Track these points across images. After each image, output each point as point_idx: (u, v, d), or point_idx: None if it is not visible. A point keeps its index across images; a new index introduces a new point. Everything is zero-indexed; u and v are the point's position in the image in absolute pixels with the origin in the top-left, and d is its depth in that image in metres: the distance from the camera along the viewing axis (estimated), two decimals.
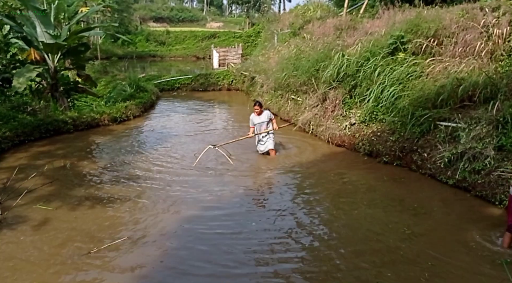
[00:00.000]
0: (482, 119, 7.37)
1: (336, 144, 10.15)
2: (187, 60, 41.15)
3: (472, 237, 5.58)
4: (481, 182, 6.77)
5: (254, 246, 5.50)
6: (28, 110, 11.45)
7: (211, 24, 63.34)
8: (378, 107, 9.55)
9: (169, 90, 20.25)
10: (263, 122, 9.24)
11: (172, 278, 4.82)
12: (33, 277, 4.73)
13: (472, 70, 8.43)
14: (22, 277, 4.74)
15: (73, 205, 6.70)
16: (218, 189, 7.54)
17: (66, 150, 9.88)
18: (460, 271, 4.81)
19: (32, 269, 4.90)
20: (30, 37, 12.10)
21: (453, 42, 9.44)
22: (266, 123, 9.26)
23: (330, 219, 6.34)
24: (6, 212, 6.28)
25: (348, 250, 5.33)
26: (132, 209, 6.62)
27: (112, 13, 37.12)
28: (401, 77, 9.38)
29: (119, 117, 12.97)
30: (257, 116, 9.25)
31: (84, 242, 5.52)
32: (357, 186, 7.77)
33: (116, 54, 38.11)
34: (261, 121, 9.24)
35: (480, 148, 7.00)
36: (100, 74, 22.10)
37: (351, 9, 19.09)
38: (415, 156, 8.20)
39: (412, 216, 6.32)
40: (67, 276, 4.77)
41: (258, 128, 9.26)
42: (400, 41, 10.13)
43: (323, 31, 15.69)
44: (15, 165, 8.25)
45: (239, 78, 20.37)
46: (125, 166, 8.69)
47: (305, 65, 12.39)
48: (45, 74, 12.61)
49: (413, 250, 5.29)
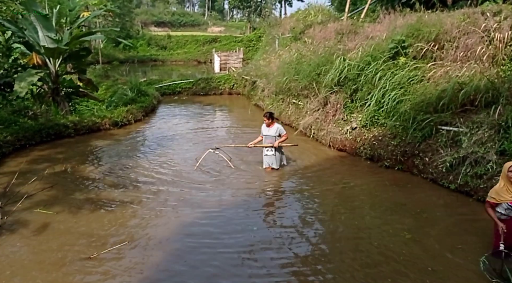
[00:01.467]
0: (484, 123, 7.35)
1: (337, 148, 10.13)
2: (188, 64, 41.22)
3: (474, 242, 5.54)
4: (483, 186, 6.73)
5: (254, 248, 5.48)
6: (29, 114, 11.46)
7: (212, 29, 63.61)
8: (379, 111, 9.55)
9: (170, 94, 20.28)
10: (270, 136, 8.61)
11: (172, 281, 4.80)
12: (33, 282, 4.71)
13: (473, 74, 8.42)
14: (23, 281, 4.71)
15: (73, 209, 6.67)
16: (218, 193, 7.52)
17: (67, 154, 9.87)
18: (461, 277, 4.78)
19: (33, 273, 4.88)
20: (32, 41, 12.13)
21: (454, 46, 9.44)
22: (273, 138, 8.57)
23: (330, 225, 6.30)
24: (6, 216, 6.27)
25: (348, 256, 5.30)
26: (133, 213, 6.60)
27: (114, 18, 37.24)
28: (402, 81, 9.38)
29: (120, 121, 12.98)
30: (266, 127, 8.70)
31: (85, 246, 5.50)
32: (358, 191, 7.74)
33: (118, 59, 38.25)
34: (268, 134, 8.63)
35: (482, 152, 6.98)
36: (101, 78, 22.15)
37: (352, 13, 19.14)
38: (416, 161, 8.18)
39: (413, 220, 6.29)
40: (67, 280, 4.74)
41: (264, 140, 8.72)
42: (401, 46, 10.13)
43: (324, 35, 15.72)
44: (16, 170, 8.23)
45: (240, 82, 20.39)
46: (126, 171, 8.68)
47: (306, 69, 12.40)
48: (47, 78, 12.63)
49: (413, 255, 5.26)
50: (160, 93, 19.30)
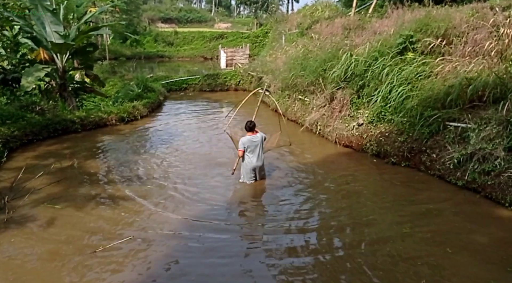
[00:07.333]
0: (492, 119, 7.27)
1: (343, 144, 10.08)
2: (195, 60, 41.26)
3: (480, 239, 5.49)
4: (491, 183, 6.67)
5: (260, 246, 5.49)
6: (36, 110, 11.51)
7: (219, 25, 63.45)
8: (386, 107, 9.47)
9: (176, 90, 20.30)
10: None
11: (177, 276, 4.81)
12: (39, 275, 4.74)
13: (481, 70, 8.32)
14: (28, 275, 4.75)
15: (79, 204, 6.71)
16: (224, 189, 7.52)
17: (73, 150, 9.92)
18: (465, 274, 4.74)
19: (39, 267, 4.91)
20: (39, 36, 12.17)
21: (462, 41, 9.33)
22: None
23: (335, 224, 6.22)
24: (13, 210, 6.32)
25: (356, 251, 5.28)
26: (138, 208, 6.61)
27: (121, 14, 37.29)
28: (410, 77, 9.30)
29: (127, 117, 13.01)
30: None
31: (91, 241, 5.52)
32: (364, 187, 7.70)
33: (124, 55, 38.38)
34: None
35: (490, 149, 6.90)
36: (108, 74, 22.21)
37: (360, 9, 18.98)
38: (423, 157, 8.11)
39: (419, 217, 6.24)
40: (73, 274, 4.77)
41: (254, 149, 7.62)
42: (409, 41, 10.04)
43: (331, 31, 15.63)
44: (23, 164, 8.29)
45: (246, 79, 20.37)
46: (132, 166, 8.70)
47: (313, 65, 12.33)
48: (54, 73, 12.68)
49: (418, 251, 5.23)
50: (167, 89, 19.32)
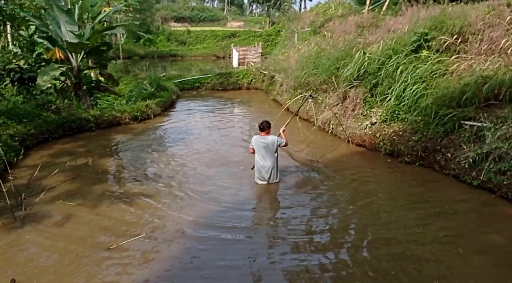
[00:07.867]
0: (509, 118, 7.15)
1: (356, 143, 10.01)
2: (207, 59, 41.41)
3: (496, 240, 5.41)
4: (507, 183, 6.56)
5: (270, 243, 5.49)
6: (52, 108, 11.70)
7: (231, 24, 63.59)
8: (400, 106, 9.37)
9: (189, 89, 20.41)
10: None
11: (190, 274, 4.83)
12: (54, 271, 4.82)
13: (497, 68, 8.18)
14: (44, 271, 4.83)
15: (94, 201, 6.80)
16: (235, 190, 7.48)
17: (88, 148, 10.06)
18: (480, 275, 4.67)
19: (54, 263, 4.99)
20: (55, 36, 12.35)
21: (478, 39, 9.19)
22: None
23: (348, 225, 6.18)
24: (29, 207, 6.43)
25: (368, 252, 5.25)
26: (152, 206, 6.67)
27: (135, 14, 37.67)
28: (425, 75, 9.19)
29: (140, 116, 13.12)
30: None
31: (104, 238, 5.59)
32: (377, 186, 7.63)
33: (138, 54, 38.77)
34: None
35: (506, 148, 6.78)
36: (122, 73, 22.49)
37: (373, 6, 18.83)
38: (438, 156, 8.01)
39: (434, 217, 6.16)
40: (87, 270, 4.83)
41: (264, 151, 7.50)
42: (424, 39, 9.92)
43: (344, 29, 15.55)
44: (39, 162, 8.43)
45: (258, 77, 20.36)
46: (145, 164, 8.78)
47: (325, 63, 12.27)
48: (69, 73, 12.87)
49: (432, 252, 5.16)
50: (179, 88, 19.44)
